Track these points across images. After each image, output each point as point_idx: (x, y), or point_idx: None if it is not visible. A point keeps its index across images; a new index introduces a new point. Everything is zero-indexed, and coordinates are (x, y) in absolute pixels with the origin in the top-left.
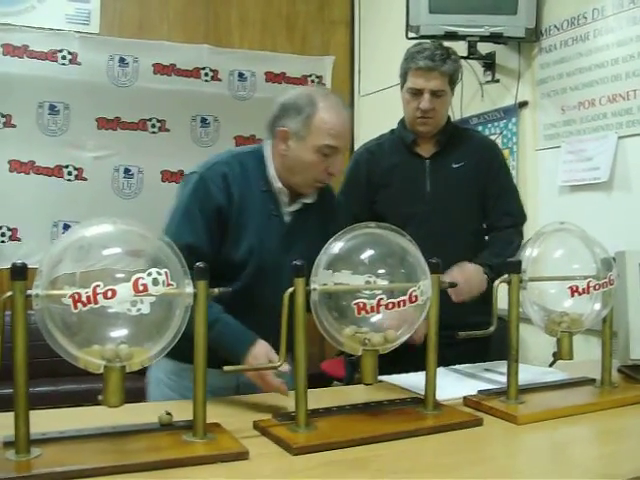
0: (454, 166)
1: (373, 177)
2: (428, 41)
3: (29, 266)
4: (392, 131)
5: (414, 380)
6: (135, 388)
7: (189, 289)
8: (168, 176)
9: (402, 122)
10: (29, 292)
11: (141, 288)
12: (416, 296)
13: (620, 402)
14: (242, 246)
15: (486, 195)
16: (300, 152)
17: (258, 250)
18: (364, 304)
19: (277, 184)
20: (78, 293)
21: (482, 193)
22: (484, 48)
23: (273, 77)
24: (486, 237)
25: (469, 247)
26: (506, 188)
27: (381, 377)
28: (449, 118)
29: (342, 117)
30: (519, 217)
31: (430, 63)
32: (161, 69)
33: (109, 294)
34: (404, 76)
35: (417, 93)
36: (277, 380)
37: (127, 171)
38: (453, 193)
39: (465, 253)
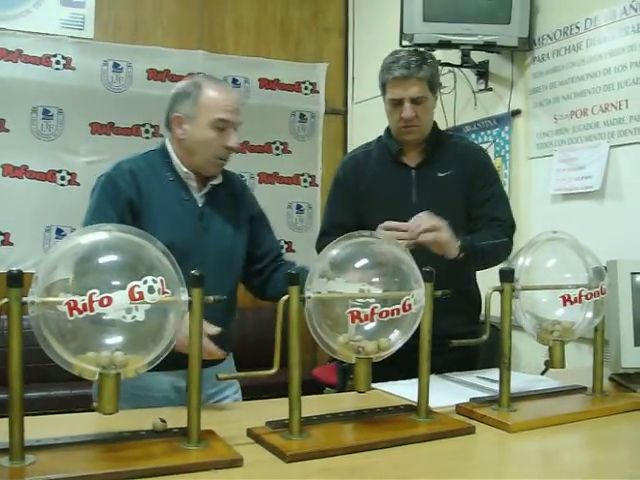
0: (440, 175)
1: (359, 185)
2: (403, 49)
3: (23, 271)
4: (379, 139)
5: (407, 388)
6: None
7: (184, 297)
8: None
9: (388, 131)
10: (25, 299)
11: (137, 296)
12: (410, 305)
13: (611, 410)
14: (159, 234)
15: (473, 203)
16: (195, 132)
17: (176, 235)
18: (358, 312)
19: (183, 169)
20: (74, 300)
21: (469, 201)
22: (477, 57)
23: (267, 83)
24: None
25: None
26: (494, 195)
27: (374, 385)
28: (435, 125)
29: (228, 92)
30: (508, 222)
31: (405, 72)
32: (155, 75)
33: (105, 302)
34: (383, 88)
35: (398, 103)
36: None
37: None
38: (439, 203)
39: (452, 263)
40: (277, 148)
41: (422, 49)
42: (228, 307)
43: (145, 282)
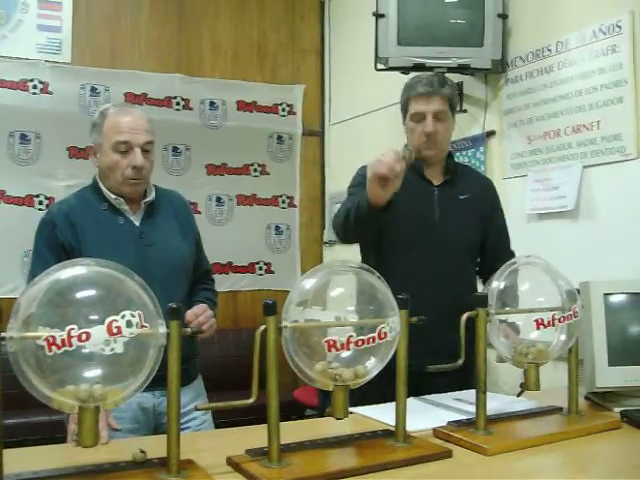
0: (461, 197)
1: None
2: (426, 73)
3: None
4: None
5: (385, 411)
6: None
7: (162, 329)
8: None
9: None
10: (3, 334)
11: (115, 331)
12: (385, 332)
13: (587, 430)
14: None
15: (489, 229)
16: (103, 158)
17: (119, 259)
18: (334, 341)
19: (112, 196)
20: (53, 336)
21: (485, 227)
22: (452, 79)
23: (244, 106)
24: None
25: (467, 282)
26: (504, 227)
27: (352, 409)
28: (450, 152)
29: (129, 115)
30: (513, 254)
31: (429, 88)
32: (133, 98)
33: (83, 337)
34: (405, 105)
35: (420, 118)
36: None
37: None
38: (459, 222)
39: (462, 286)
40: (255, 170)
41: (441, 75)
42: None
43: (123, 316)
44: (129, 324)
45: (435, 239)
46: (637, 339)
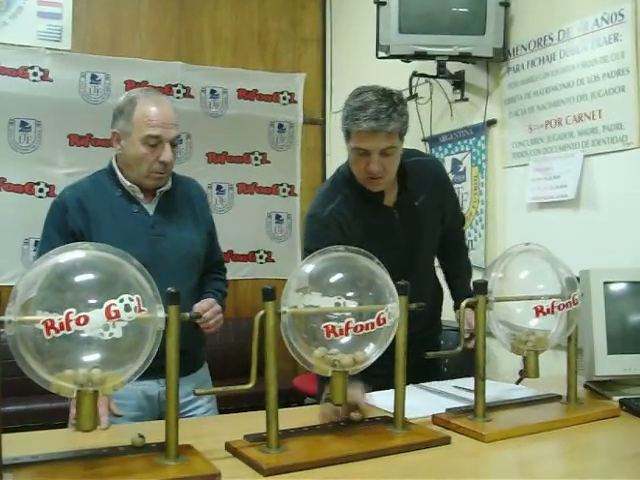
0: (416, 204)
1: (348, 238)
2: (369, 89)
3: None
4: (344, 180)
5: (383, 398)
6: None
7: (160, 314)
8: None
9: (352, 176)
10: (2, 318)
11: (113, 314)
12: (384, 318)
13: (586, 418)
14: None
15: (447, 218)
16: (129, 148)
17: (129, 248)
18: (333, 327)
19: (127, 183)
20: (51, 320)
21: (443, 218)
22: (453, 67)
23: (245, 94)
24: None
25: (432, 272)
26: (456, 202)
27: None
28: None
29: (161, 108)
30: (463, 224)
31: (374, 124)
32: (133, 86)
33: (82, 320)
34: (347, 132)
35: (364, 153)
36: None
37: None
38: (419, 232)
39: (432, 285)
40: (256, 158)
41: (392, 90)
42: (191, 306)
43: (121, 300)
44: (127, 308)
45: (402, 254)
46: (636, 328)
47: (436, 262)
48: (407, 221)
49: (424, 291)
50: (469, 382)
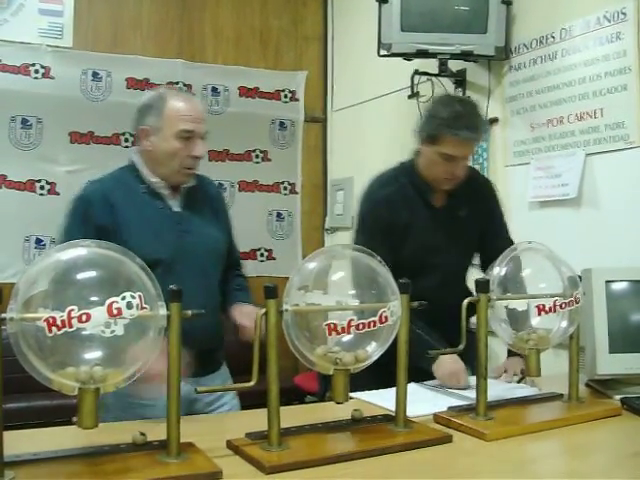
0: (461, 214)
1: (394, 227)
2: (456, 100)
3: (1, 281)
4: (405, 174)
5: (385, 396)
6: None
7: (162, 311)
8: None
9: (415, 170)
10: (3, 315)
11: (115, 312)
12: (386, 317)
13: (587, 417)
14: (142, 246)
15: (488, 233)
16: (161, 143)
17: (158, 244)
18: (335, 325)
19: (153, 179)
20: (53, 317)
21: (483, 234)
22: (455, 65)
23: (246, 92)
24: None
25: (463, 280)
26: (501, 215)
27: (352, 394)
28: None
29: (192, 103)
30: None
31: (471, 134)
32: (134, 83)
33: (84, 318)
34: (435, 137)
35: (449, 159)
36: None
37: None
38: (461, 242)
39: (461, 286)
40: (257, 156)
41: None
42: (216, 303)
43: (123, 298)
44: (129, 305)
45: (440, 260)
46: (638, 327)
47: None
48: (448, 225)
49: (449, 295)
50: (471, 380)
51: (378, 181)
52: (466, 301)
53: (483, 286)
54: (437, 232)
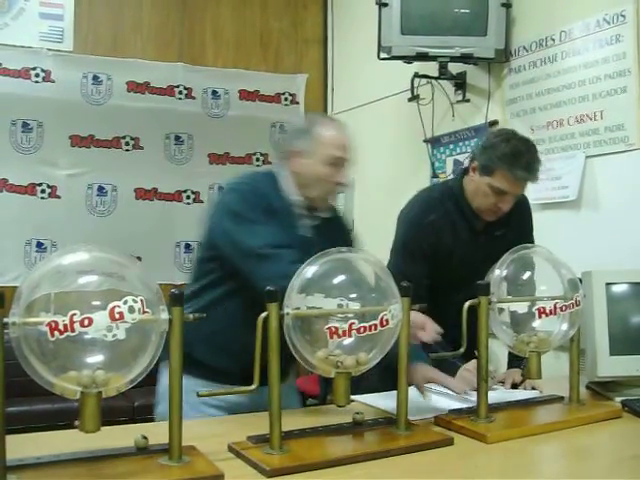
0: (497, 234)
1: (438, 253)
2: (512, 132)
3: (2, 285)
4: (452, 199)
5: (386, 399)
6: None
7: (164, 315)
8: (142, 194)
9: (461, 194)
10: (6, 319)
11: (117, 316)
12: (387, 320)
13: (587, 419)
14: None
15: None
16: (311, 166)
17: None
18: (336, 328)
19: (294, 197)
20: (55, 321)
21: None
22: (455, 68)
23: (247, 95)
24: None
25: None
26: (530, 230)
27: (353, 397)
28: None
29: (343, 131)
30: None
31: (527, 175)
32: (135, 87)
33: (86, 322)
34: (490, 170)
35: (501, 193)
36: None
37: (101, 189)
38: (494, 258)
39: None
40: (257, 159)
41: (531, 140)
42: None
43: (125, 302)
44: (131, 309)
45: (473, 277)
46: (639, 329)
47: None
48: (486, 248)
49: None
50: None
51: (425, 205)
52: (467, 304)
53: (483, 289)
54: (476, 252)
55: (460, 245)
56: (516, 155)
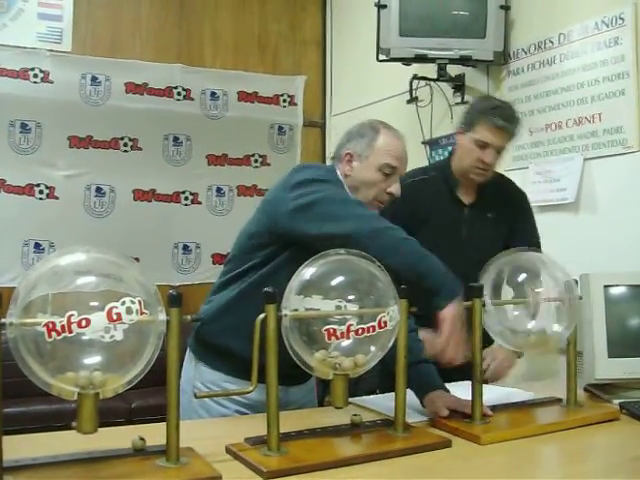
0: (489, 216)
1: (415, 214)
2: (495, 100)
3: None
4: (438, 168)
5: (383, 401)
6: None
7: (162, 317)
8: (140, 195)
9: (448, 165)
10: (3, 320)
11: (115, 317)
12: (385, 322)
13: (585, 421)
14: None
15: (514, 239)
16: (363, 171)
17: None
18: (334, 330)
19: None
20: (52, 322)
21: (509, 239)
22: (453, 70)
23: (245, 96)
24: None
25: None
26: (531, 226)
27: (351, 399)
28: None
29: (401, 142)
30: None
31: (506, 124)
32: (133, 88)
33: (83, 323)
34: (471, 125)
35: (483, 146)
36: None
37: (99, 190)
38: (486, 243)
39: None
40: (256, 161)
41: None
42: None
43: (123, 303)
44: (129, 310)
45: (462, 257)
46: (637, 331)
47: None
48: (473, 224)
49: None
50: (468, 385)
51: (411, 172)
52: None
53: (477, 291)
54: (460, 229)
55: (440, 214)
56: (495, 107)
